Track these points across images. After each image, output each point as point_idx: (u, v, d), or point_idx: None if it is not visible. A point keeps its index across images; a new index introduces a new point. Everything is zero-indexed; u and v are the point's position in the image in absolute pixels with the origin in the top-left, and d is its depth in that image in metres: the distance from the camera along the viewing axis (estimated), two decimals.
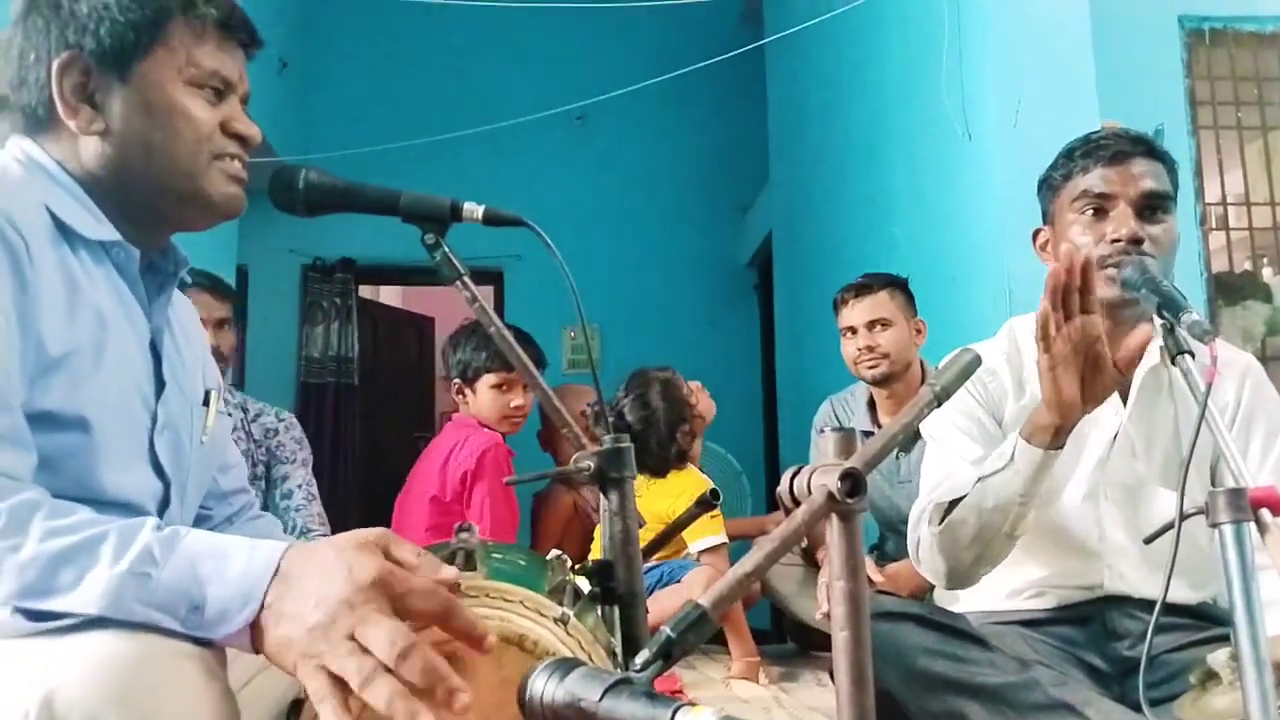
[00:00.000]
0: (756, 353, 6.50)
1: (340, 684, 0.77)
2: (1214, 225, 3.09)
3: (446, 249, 1.19)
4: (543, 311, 5.89)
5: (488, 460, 2.60)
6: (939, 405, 0.92)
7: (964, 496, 1.47)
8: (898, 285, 2.70)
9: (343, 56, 6.55)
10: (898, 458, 2.52)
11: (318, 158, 5.67)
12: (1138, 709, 1.33)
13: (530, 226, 1.23)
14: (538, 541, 3.04)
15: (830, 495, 0.84)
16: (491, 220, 1.21)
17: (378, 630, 0.77)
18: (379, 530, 0.88)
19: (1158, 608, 1.23)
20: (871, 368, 2.61)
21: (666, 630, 0.77)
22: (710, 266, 6.63)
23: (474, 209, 1.20)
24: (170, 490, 1.19)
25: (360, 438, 6.27)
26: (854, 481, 0.84)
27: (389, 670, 0.76)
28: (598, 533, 2.92)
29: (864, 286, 2.66)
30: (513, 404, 2.68)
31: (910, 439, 1.02)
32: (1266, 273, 3.13)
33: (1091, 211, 1.53)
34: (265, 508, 2.80)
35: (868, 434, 2.72)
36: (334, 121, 6.33)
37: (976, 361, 0.96)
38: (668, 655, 0.76)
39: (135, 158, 1.13)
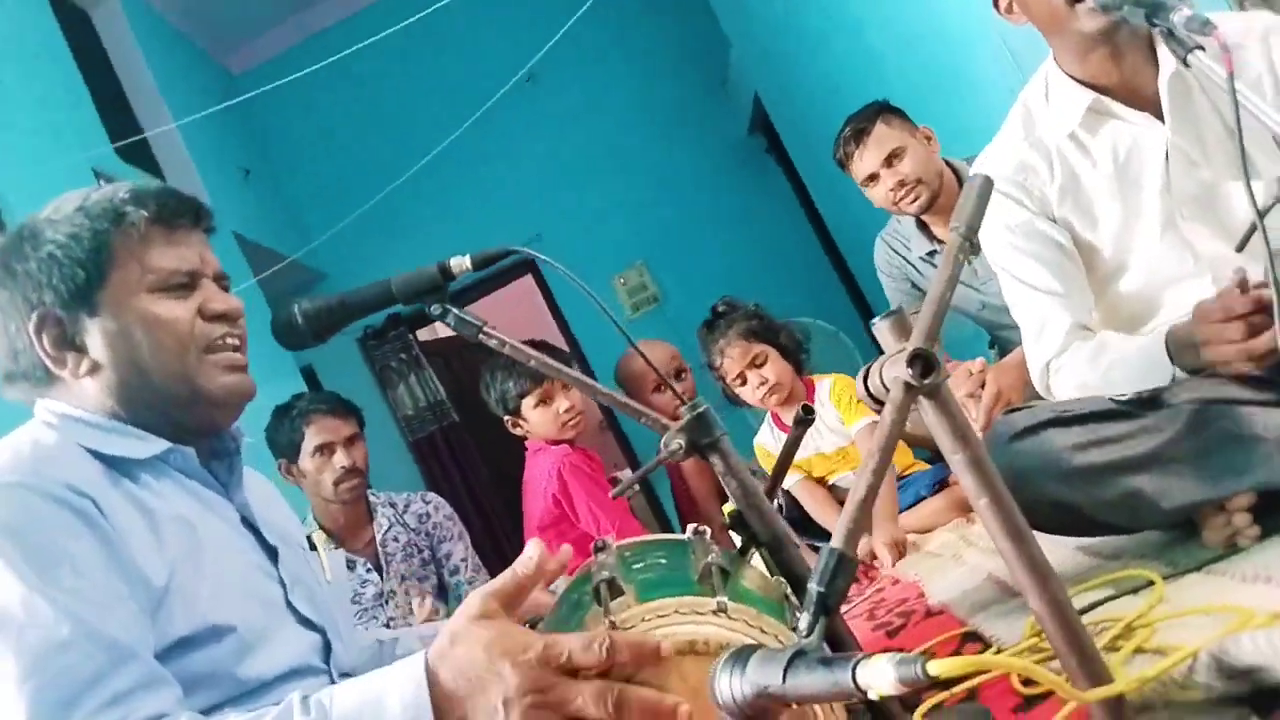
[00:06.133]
0: (800, 213, 6.38)
1: None
2: None
3: (456, 312, 1.19)
4: (585, 271, 5.86)
5: (568, 473, 2.61)
6: (971, 246, 0.89)
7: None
8: (887, 110, 2.58)
9: (300, 139, 6.56)
10: (970, 264, 2.44)
11: (320, 242, 5.73)
12: None
13: (518, 251, 1.21)
14: (697, 512, 3.03)
15: (907, 385, 0.82)
16: (480, 264, 1.20)
17: (583, 700, 0.78)
18: (488, 592, 0.87)
19: (1275, 299, 1.18)
20: (913, 200, 2.51)
21: (814, 587, 0.77)
22: (717, 153, 6.49)
23: (461, 262, 1.20)
24: (328, 636, 1.24)
25: (484, 464, 6.41)
26: (924, 361, 0.82)
27: None
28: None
29: (859, 130, 2.54)
30: (562, 410, 2.67)
31: (975, 245, 0.99)
32: None
33: None
34: (441, 588, 2.90)
35: (932, 254, 2.65)
36: (318, 201, 6.36)
37: (988, 184, 0.92)
38: (826, 610, 0.76)
39: (133, 380, 1.15)
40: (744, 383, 2.67)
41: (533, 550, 0.89)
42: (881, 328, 0.88)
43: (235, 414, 1.23)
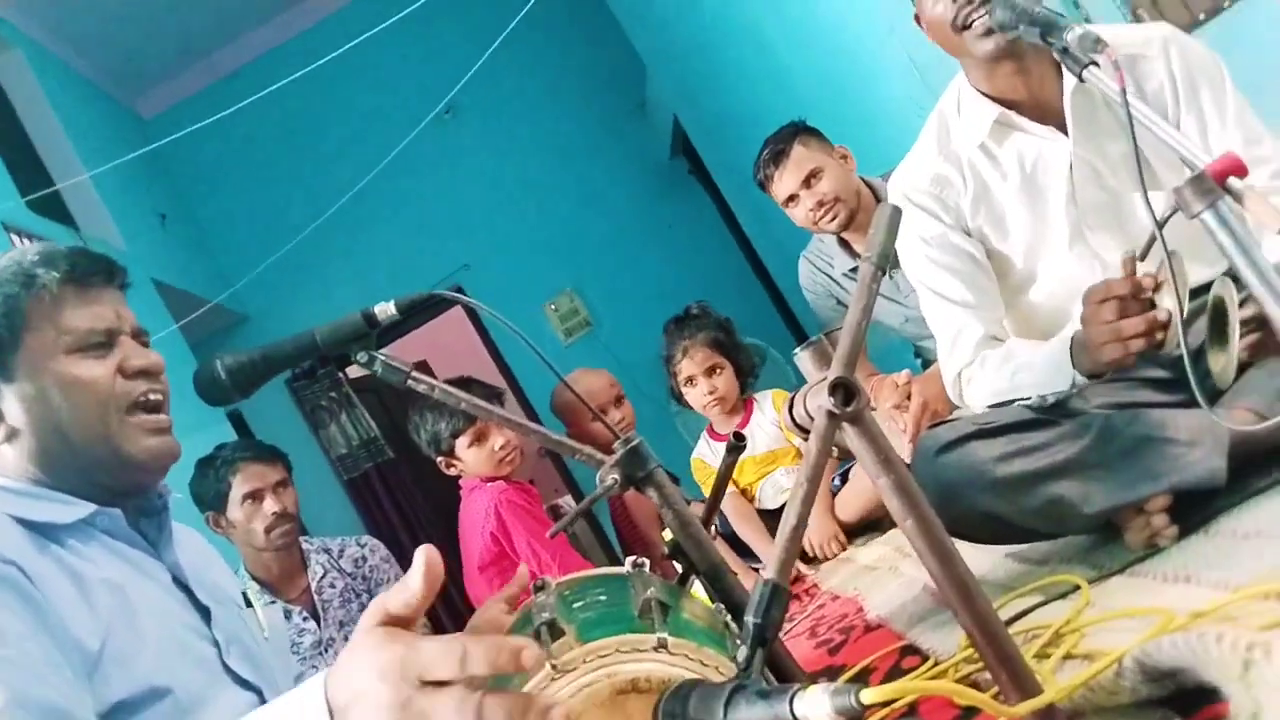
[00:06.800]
0: (726, 234, 6.45)
1: None
2: None
3: (383, 358, 1.18)
4: (516, 301, 5.91)
5: (505, 511, 2.58)
6: (883, 272, 0.91)
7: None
8: (804, 131, 2.64)
9: (215, 183, 6.44)
10: (890, 278, 2.50)
11: (243, 284, 5.64)
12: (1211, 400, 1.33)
13: (441, 295, 1.22)
14: (639, 538, 3.04)
15: (830, 413, 0.84)
16: (405, 310, 1.19)
17: (446, 699, 0.74)
18: (375, 610, 0.82)
19: (1178, 315, 1.23)
20: (832, 219, 2.56)
21: (750, 619, 0.78)
22: (640, 177, 6.55)
23: (386, 308, 1.19)
24: (263, 695, 1.22)
25: (422, 498, 6.33)
26: (845, 390, 0.84)
27: None
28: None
29: (778, 152, 2.59)
30: (498, 447, 2.66)
31: (893, 260, 1.01)
32: None
33: None
34: None
35: (853, 270, 2.70)
36: (239, 245, 6.25)
37: (897, 213, 0.95)
38: (762, 641, 0.77)
39: (53, 445, 1.13)
40: (693, 386, 2.76)
41: (421, 558, 0.86)
42: (803, 357, 0.90)
43: (160, 475, 1.22)
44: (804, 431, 0.91)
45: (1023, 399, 1.49)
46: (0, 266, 1.15)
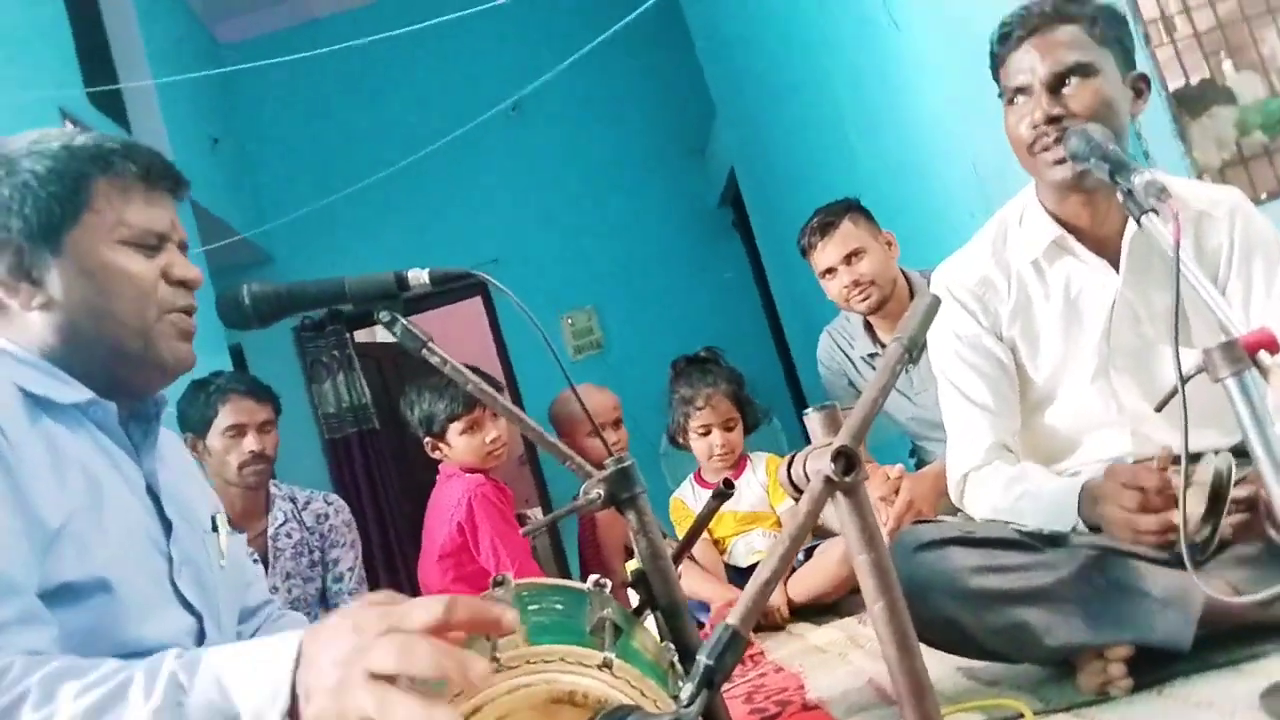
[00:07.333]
0: (753, 290, 6.48)
1: None
2: (1161, 40, 3.05)
3: (404, 322, 1.19)
4: (535, 306, 5.86)
5: (478, 504, 2.58)
6: (911, 359, 0.92)
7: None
8: (856, 209, 2.66)
9: (274, 120, 6.51)
10: (907, 373, 2.51)
11: (275, 225, 5.67)
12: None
13: (475, 275, 1.22)
14: (601, 564, 3.04)
15: (827, 479, 0.84)
16: (438, 280, 1.20)
17: (387, 645, 0.76)
18: (386, 592, 0.87)
19: (1183, 466, 1.23)
20: (864, 299, 2.58)
21: (703, 659, 0.78)
22: (684, 217, 6.59)
23: (419, 275, 1.20)
24: (204, 623, 1.22)
25: (397, 477, 6.32)
26: (847, 459, 0.84)
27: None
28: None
29: (826, 224, 2.61)
30: (488, 440, 2.66)
31: (919, 349, 1.01)
32: (1226, 69, 3.08)
33: (1015, 100, 1.53)
34: (323, 591, 2.83)
35: (873, 355, 2.72)
36: (281, 185, 6.31)
37: (936, 303, 0.96)
38: (710, 683, 0.77)
39: (85, 324, 1.14)
40: (705, 435, 2.74)
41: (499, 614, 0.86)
42: (813, 419, 0.91)
43: (170, 381, 1.23)
44: (797, 491, 0.91)
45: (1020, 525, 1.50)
46: (78, 144, 1.17)
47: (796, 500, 0.90)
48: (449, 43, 5.82)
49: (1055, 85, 1.49)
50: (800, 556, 2.68)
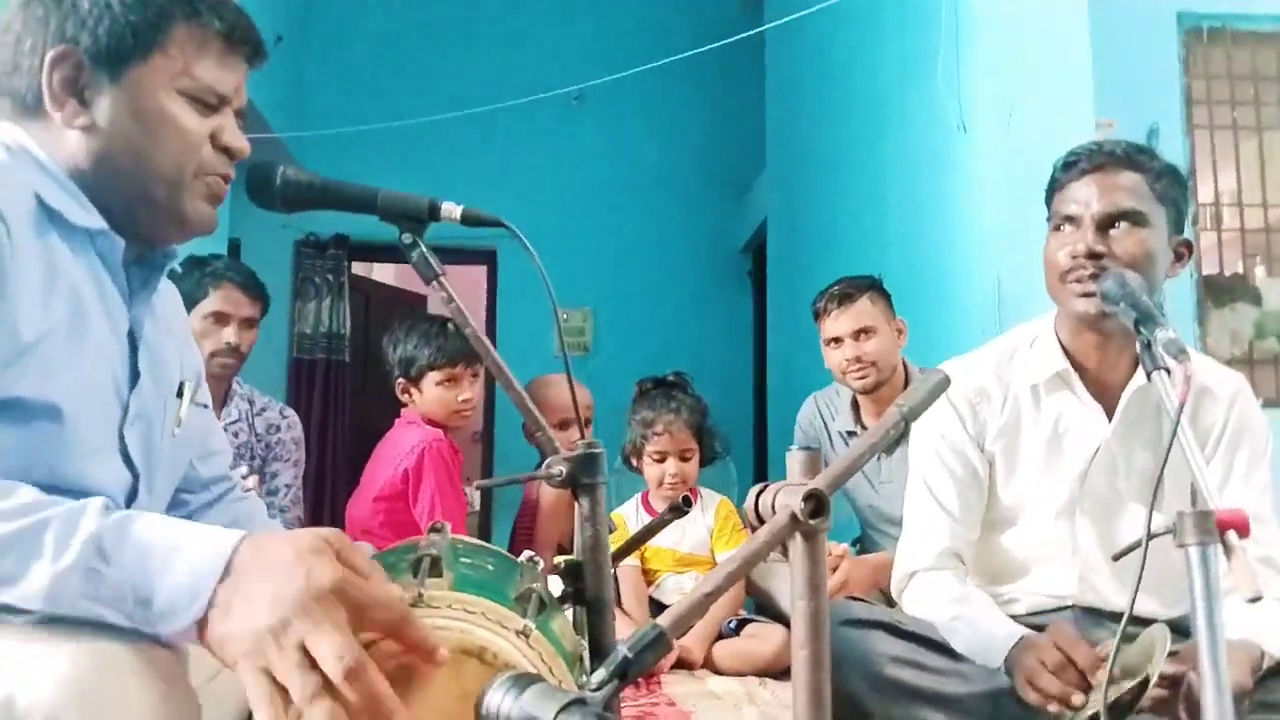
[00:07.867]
0: (748, 339, 6.50)
1: (281, 690, 0.76)
2: (1207, 225, 3.09)
3: (424, 248, 1.18)
4: (537, 291, 5.89)
5: (429, 456, 2.55)
6: (906, 427, 0.92)
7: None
8: (878, 289, 2.68)
9: (339, 31, 6.52)
10: (879, 460, 2.52)
11: (311, 134, 5.65)
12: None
13: (508, 227, 1.22)
14: (538, 531, 3.02)
15: (793, 516, 0.84)
16: (470, 221, 1.19)
17: (330, 644, 0.76)
18: (334, 531, 0.86)
19: (1123, 623, 1.24)
20: (861, 378, 2.59)
21: (623, 650, 0.77)
22: (705, 251, 6.62)
23: (452, 209, 1.19)
24: (139, 482, 1.19)
25: (350, 415, 6.29)
26: (817, 502, 0.84)
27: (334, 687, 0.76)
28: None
29: (846, 295, 2.62)
30: (461, 398, 2.64)
31: (893, 442, 1.01)
32: (1259, 273, 3.13)
33: (1062, 227, 1.55)
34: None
35: (851, 434, 2.72)
36: (328, 97, 6.30)
37: (945, 382, 0.96)
38: (623, 675, 0.77)
39: (120, 158, 1.12)
40: (660, 461, 2.70)
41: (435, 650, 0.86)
42: (795, 457, 0.91)
43: (185, 239, 1.21)
44: (759, 521, 0.91)
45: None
46: None
47: (755, 530, 0.90)
48: (532, 12, 5.86)
49: (1105, 224, 1.51)
50: (731, 624, 2.66)
